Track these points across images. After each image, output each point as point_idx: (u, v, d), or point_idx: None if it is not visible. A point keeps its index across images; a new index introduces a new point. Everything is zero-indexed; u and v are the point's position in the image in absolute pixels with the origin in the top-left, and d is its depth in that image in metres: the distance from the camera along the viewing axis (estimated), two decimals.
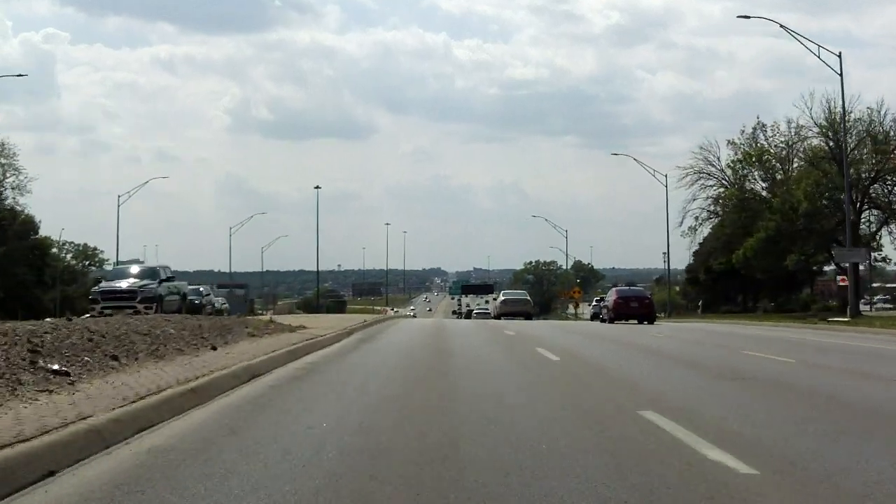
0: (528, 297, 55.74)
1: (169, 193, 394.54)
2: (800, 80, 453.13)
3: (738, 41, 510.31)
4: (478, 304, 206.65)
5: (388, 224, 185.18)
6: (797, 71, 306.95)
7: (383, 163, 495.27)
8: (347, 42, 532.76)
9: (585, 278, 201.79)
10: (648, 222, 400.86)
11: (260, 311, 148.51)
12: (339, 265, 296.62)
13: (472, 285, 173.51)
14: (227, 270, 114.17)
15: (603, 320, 44.09)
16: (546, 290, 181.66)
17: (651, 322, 40.05)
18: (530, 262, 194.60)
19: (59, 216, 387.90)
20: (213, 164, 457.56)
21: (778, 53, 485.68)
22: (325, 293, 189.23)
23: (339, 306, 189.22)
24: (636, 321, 40.04)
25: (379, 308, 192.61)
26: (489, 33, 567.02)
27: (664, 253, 74.57)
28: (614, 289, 47.70)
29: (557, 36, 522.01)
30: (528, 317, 50.00)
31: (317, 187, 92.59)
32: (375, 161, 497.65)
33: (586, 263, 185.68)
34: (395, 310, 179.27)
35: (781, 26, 43.32)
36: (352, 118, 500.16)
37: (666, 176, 68.85)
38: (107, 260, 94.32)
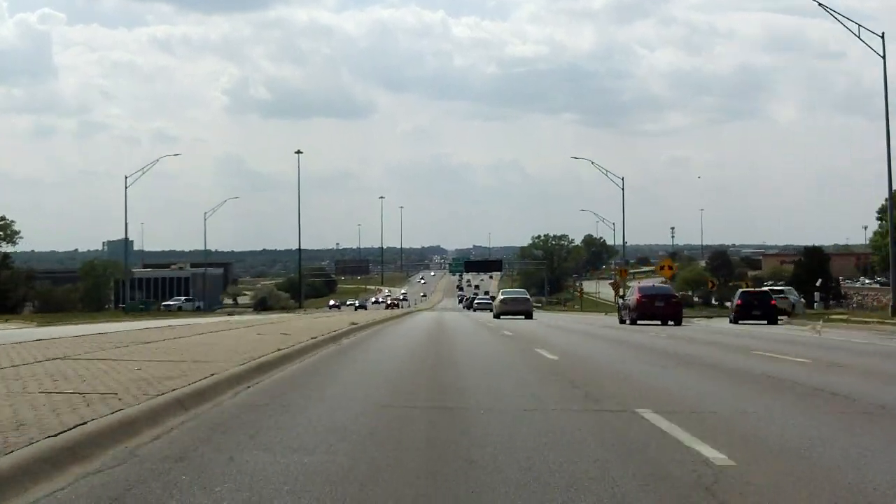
0: (528, 296, 56.28)
1: (169, 174, 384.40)
2: (799, 55, 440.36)
3: (738, 16, 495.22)
4: (481, 280, 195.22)
5: (382, 198, 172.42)
6: (797, 47, 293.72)
7: (382, 141, 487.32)
8: (345, 20, 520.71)
9: (597, 253, 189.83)
10: (650, 199, 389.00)
11: (236, 296, 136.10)
12: (337, 243, 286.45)
13: (476, 262, 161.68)
14: (224, 250, 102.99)
15: (623, 321, 39.12)
16: (557, 267, 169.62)
17: (678, 323, 36.01)
18: (538, 237, 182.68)
19: (60, 198, 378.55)
20: (211, 144, 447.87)
21: (778, 29, 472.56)
22: (315, 272, 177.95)
23: (328, 286, 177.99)
24: (660, 322, 36.21)
25: (372, 287, 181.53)
26: (487, 10, 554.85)
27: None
28: (637, 286, 43.73)
29: (556, 12, 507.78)
30: (529, 316, 48.84)
31: (298, 152, 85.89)
32: (374, 140, 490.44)
33: (598, 238, 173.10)
34: (388, 290, 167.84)
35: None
36: (350, 97, 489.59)
37: (882, 36, 40.87)
38: (18, 233, 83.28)
